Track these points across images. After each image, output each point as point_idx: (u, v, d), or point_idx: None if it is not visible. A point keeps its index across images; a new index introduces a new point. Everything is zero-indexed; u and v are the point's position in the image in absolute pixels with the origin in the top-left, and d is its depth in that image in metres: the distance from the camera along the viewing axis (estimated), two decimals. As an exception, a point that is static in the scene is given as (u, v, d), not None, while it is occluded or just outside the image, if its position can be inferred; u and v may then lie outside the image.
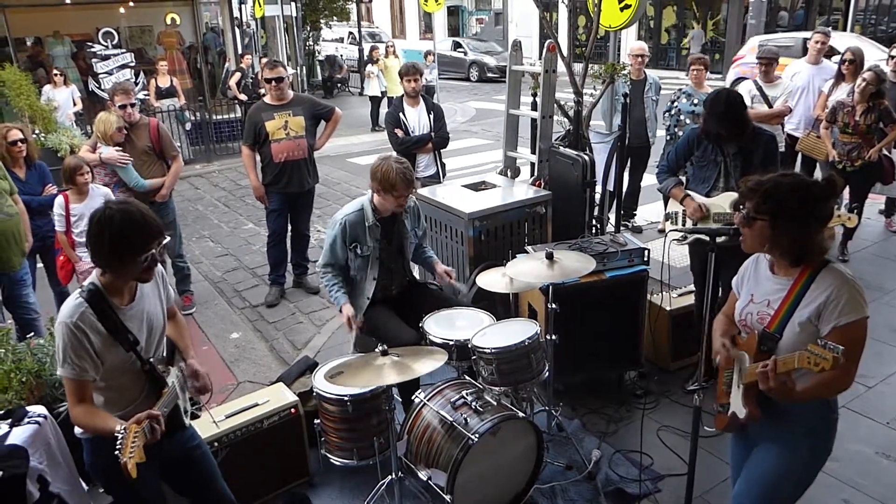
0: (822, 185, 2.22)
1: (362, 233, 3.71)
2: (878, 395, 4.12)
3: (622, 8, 4.99)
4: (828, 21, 20.04)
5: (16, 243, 4.52)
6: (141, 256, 2.27)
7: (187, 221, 8.34)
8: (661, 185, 4.17)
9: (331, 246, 3.76)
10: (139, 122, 5.32)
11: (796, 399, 2.24)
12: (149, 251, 2.29)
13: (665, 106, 6.46)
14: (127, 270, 2.31)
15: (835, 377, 2.17)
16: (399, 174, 3.51)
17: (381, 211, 3.72)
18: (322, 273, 3.83)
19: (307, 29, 20.88)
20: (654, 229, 7.07)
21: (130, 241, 2.25)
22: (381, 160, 3.62)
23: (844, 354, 2.09)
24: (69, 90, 10.43)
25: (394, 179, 3.52)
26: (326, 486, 3.58)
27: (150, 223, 2.30)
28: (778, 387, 2.15)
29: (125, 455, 2.05)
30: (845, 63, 6.12)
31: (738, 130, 3.72)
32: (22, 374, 3.34)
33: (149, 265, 2.32)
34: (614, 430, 3.93)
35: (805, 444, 2.35)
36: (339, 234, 3.71)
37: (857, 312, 2.14)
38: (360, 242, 3.72)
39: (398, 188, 3.54)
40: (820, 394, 2.26)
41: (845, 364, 2.14)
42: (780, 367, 2.14)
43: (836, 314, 2.14)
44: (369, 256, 3.75)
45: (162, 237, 2.34)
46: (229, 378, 4.79)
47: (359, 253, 3.73)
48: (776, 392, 2.18)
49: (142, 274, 2.35)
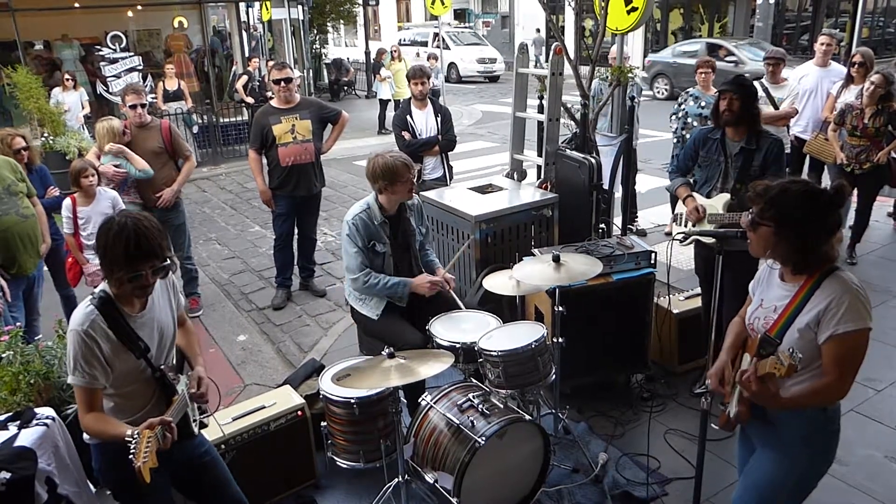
0: (829, 194, 2.19)
1: (375, 230, 3.69)
2: (887, 399, 4.10)
3: (629, 11, 4.98)
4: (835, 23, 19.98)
5: (31, 245, 4.53)
6: (130, 275, 2.21)
7: (194, 224, 8.37)
8: (670, 185, 4.20)
9: (353, 257, 3.65)
10: (150, 124, 5.34)
11: (783, 405, 2.22)
12: (138, 271, 2.22)
13: (671, 108, 6.45)
14: (120, 284, 2.25)
15: (827, 386, 2.16)
16: (395, 160, 3.54)
17: (387, 208, 3.73)
18: (364, 279, 3.65)
19: (314, 32, 20.94)
20: (659, 232, 7.05)
21: (121, 259, 2.19)
22: (370, 160, 3.63)
23: (836, 364, 2.10)
24: (78, 93, 10.50)
25: (393, 166, 3.53)
26: (333, 489, 3.58)
27: (146, 245, 2.21)
28: (759, 391, 2.14)
29: (139, 460, 2.04)
30: (855, 65, 6.10)
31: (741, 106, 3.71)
32: (30, 376, 3.35)
33: (140, 284, 2.25)
34: (621, 433, 3.91)
35: (802, 454, 2.32)
36: (356, 234, 3.64)
37: (856, 322, 2.11)
38: (377, 240, 3.69)
39: (400, 172, 3.54)
40: (810, 402, 2.24)
41: (840, 374, 2.14)
42: (759, 371, 2.14)
43: (835, 322, 2.12)
44: (385, 254, 3.74)
45: (157, 261, 2.26)
46: (236, 380, 4.80)
47: (378, 251, 3.70)
48: (757, 396, 2.16)
49: (135, 290, 2.28)
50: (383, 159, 3.56)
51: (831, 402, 2.27)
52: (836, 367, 2.14)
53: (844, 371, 2.14)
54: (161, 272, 2.31)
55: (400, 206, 3.80)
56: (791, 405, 2.24)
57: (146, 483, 2.04)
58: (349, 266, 3.70)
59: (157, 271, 2.29)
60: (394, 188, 3.60)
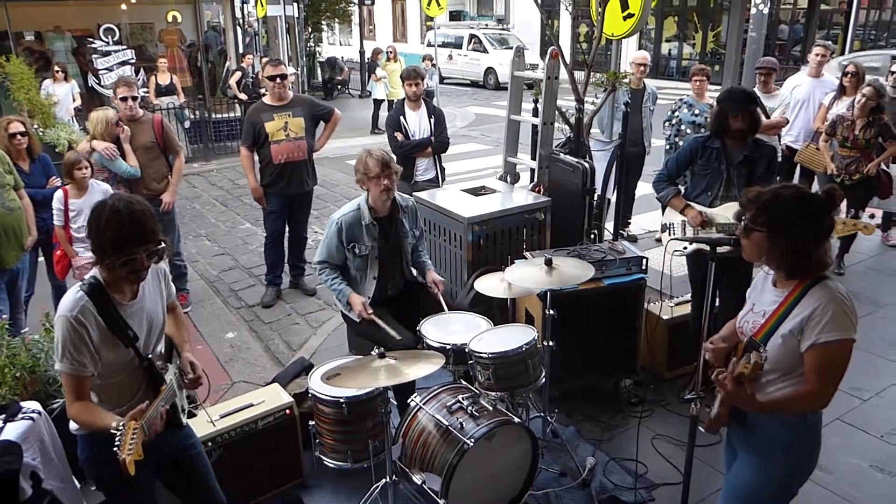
0: (821, 199, 2.20)
1: (359, 232, 3.72)
2: (872, 408, 4.12)
3: (625, 17, 5.00)
4: (827, 35, 20.14)
5: (15, 238, 4.49)
6: (124, 258, 2.19)
7: (184, 220, 8.31)
8: (660, 194, 4.16)
9: (327, 245, 3.78)
10: (142, 118, 5.30)
11: (759, 408, 2.22)
12: (133, 255, 2.21)
13: (664, 115, 6.48)
14: (113, 268, 2.23)
15: (807, 394, 2.17)
16: (372, 157, 3.63)
17: (378, 209, 3.73)
18: (319, 270, 3.84)
19: (308, 30, 20.88)
20: (650, 238, 7.07)
21: (116, 241, 2.18)
22: (358, 156, 3.74)
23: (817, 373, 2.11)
24: (69, 86, 10.41)
25: (366, 162, 3.63)
26: (320, 489, 3.56)
27: (142, 227, 2.22)
28: (733, 391, 2.14)
29: (124, 452, 2.02)
30: (847, 76, 6.15)
31: (750, 122, 3.73)
32: (16, 369, 3.32)
33: (134, 268, 2.24)
34: (609, 437, 3.92)
35: (782, 461, 2.33)
36: (335, 235, 3.73)
37: (839, 332, 2.11)
38: (358, 242, 3.73)
39: (372, 169, 3.62)
40: (788, 407, 2.25)
41: (820, 383, 2.14)
42: (734, 371, 2.15)
43: (818, 331, 2.12)
44: (367, 256, 3.75)
45: (151, 245, 2.25)
46: (224, 378, 4.77)
47: (357, 253, 3.73)
48: (732, 396, 2.16)
49: (128, 275, 2.26)
50: (365, 153, 3.68)
51: (810, 409, 2.27)
52: (816, 376, 2.15)
53: (825, 380, 2.14)
54: (155, 256, 2.30)
55: (393, 206, 3.80)
56: (767, 409, 2.24)
57: (130, 475, 2.02)
58: (321, 247, 3.82)
59: (152, 255, 2.28)
60: (367, 183, 3.68)
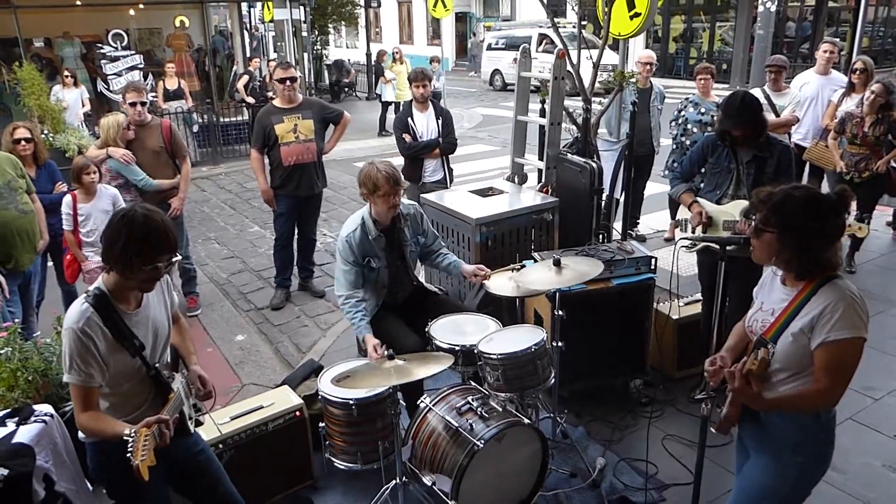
0: (832, 200, 2.19)
1: (370, 246, 3.66)
2: (885, 408, 4.09)
3: (632, 16, 4.99)
4: (836, 32, 20.04)
5: (29, 241, 4.53)
6: (147, 266, 2.25)
7: (193, 223, 8.36)
8: (672, 190, 4.19)
9: (344, 274, 3.65)
10: (150, 123, 5.32)
11: (767, 406, 2.22)
12: (156, 263, 2.27)
13: (671, 115, 6.46)
14: (130, 275, 2.27)
15: (816, 392, 2.16)
16: (381, 173, 3.50)
17: (381, 221, 3.71)
18: (343, 302, 3.66)
19: (315, 33, 20.96)
20: (658, 238, 7.05)
21: (142, 248, 2.23)
22: (365, 166, 3.62)
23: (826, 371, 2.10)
24: (79, 91, 10.48)
25: (375, 178, 3.51)
26: (330, 490, 3.57)
27: (167, 238, 2.29)
28: (741, 388, 2.13)
29: (137, 458, 2.04)
30: (856, 72, 6.12)
31: (753, 131, 3.72)
32: (28, 372, 3.35)
33: (151, 277, 2.30)
34: (619, 437, 3.91)
35: (793, 461, 2.31)
36: (348, 257, 3.63)
37: (849, 331, 2.10)
38: (372, 256, 3.67)
39: (381, 187, 3.51)
40: (797, 405, 2.24)
41: (829, 382, 2.13)
42: (743, 369, 2.15)
43: (828, 329, 2.11)
44: (379, 268, 3.73)
45: (173, 255, 2.33)
46: (234, 380, 4.79)
47: (373, 266, 3.69)
48: (739, 393, 2.16)
49: (142, 283, 2.33)
50: (370, 169, 3.54)
51: (820, 408, 2.25)
52: (826, 374, 2.14)
53: (834, 379, 2.13)
54: (170, 267, 2.36)
55: (394, 216, 3.77)
56: (776, 407, 2.24)
57: (144, 481, 2.03)
58: (339, 279, 3.70)
59: (169, 266, 2.34)
60: (374, 199, 3.58)
